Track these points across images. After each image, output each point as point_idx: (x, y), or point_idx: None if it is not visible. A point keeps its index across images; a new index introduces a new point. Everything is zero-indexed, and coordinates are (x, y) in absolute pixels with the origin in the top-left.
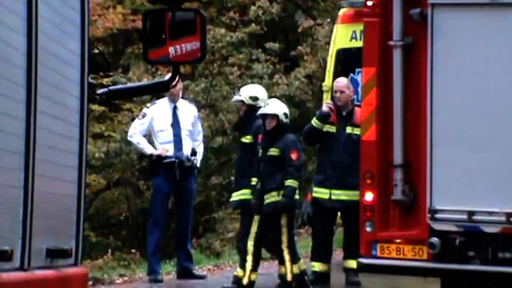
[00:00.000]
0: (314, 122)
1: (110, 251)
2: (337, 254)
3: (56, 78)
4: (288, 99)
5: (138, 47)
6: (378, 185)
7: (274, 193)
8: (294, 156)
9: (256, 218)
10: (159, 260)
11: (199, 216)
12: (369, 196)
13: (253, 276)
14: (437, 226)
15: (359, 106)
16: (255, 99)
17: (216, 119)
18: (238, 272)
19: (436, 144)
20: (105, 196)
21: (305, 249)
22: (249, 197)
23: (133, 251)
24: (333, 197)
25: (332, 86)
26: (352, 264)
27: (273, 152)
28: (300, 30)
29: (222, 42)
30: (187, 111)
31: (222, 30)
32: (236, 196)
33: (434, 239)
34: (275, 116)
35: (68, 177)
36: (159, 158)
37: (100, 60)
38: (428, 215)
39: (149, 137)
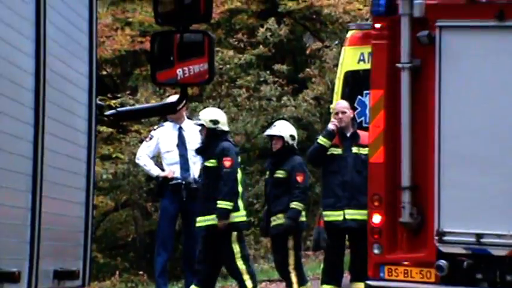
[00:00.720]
0: (321, 140)
1: (117, 272)
2: (344, 277)
3: (64, 100)
4: (295, 121)
5: (146, 69)
6: (385, 207)
7: (280, 215)
8: (299, 178)
9: (235, 237)
10: (167, 282)
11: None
12: (376, 218)
13: None
14: (445, 249)
15: (367, 128)
16: (216, 122)
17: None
18: None
19: (444, 166)
20: (112, 218)
21: (313, 271)
22: (215, 222)
23: (140, 272)
24: (347, 217)
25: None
26: (361, 286)
27: (279, 174)
28: (308, 52)
29: (230, 64)
30: (194, 132)
31: (230, 52)
32: (203, 222)
33: (442, 262)
34: (281, 138)
35: (76, 199)
36: (166, 179)
37: (108, 81)
38: (436, 238)
39: (158, 158)
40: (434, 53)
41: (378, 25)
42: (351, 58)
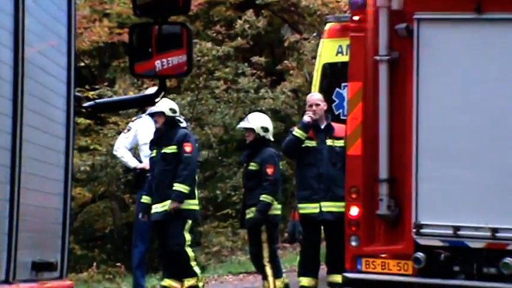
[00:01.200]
0: (297, 132)
1: (94, 264)
2: (321, 269)
3: (42, 91)
4: (273, 113)
5: (124, 61)
6: (363, 200)
7: (253, 208)
8: (269, 171)
9: (188, 226)
10: (144, 274)
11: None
12: (354, 211)
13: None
14: (422, 241)
15: (344, 121)
16: (174, 111)
17: (202, 132)
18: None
19: (422, 159)
20: (90, 209)
21: (290, 263)
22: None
23: (118, 264)
24: (324, 209)
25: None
26: (338, 278)
27: (252, 166)
28: (286, 44)
29: (208, 56)
30: None
31: (209, 44)
32: (161, 208)
33: (420, 254)
34: (252, 130)
35: (54, 190)
36: (143, 171)
37: (86, 73)
38: (414, 230)
39: (136, 150)
40: (412, 45)
41: (356, 17)
42: (329, 50)
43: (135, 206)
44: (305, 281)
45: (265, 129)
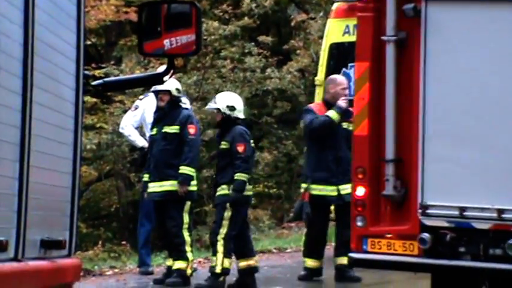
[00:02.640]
0: (333, 115)
1: (100, 242)
2: (327, 248)
3: (52, 69)
4: (280, 93)
5: (130, 39)
6: (369, 180)
7: (225, 186)
8: (240, 149)
9: (188, 207)
10: (150, 252)
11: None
12: (360, 191)
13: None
14: (428, 222)
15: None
16: (179, 91)
17: (208, 112)
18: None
19: (428, 139)
20: (96, 188)
21: (296, 243)
22: (173, 188)
23: (124, 242)
24: (342, 192)
25: (325, 80)
26: (345, 261)
27: (223, 145)
28: (293, 24)
29: (215, 35)
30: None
31: (215, 23)
32: (159, 187)
33: (425, 235)
34: (218, 110)
35: (63, 169)
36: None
37: (92, 51)
38: (420, 211)
39: (142, 128)
40: (420, 25)
41: None
42: (336, 30)
43: (140, 185)
44: (310, 262)
45: (232, 108)
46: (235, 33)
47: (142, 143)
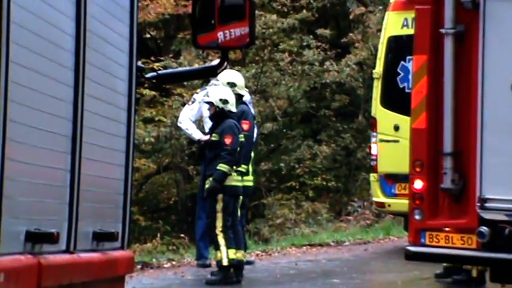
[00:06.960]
0: None
1: (159, 235)
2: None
3: (104, 62)
4: (338, 86)
5: (189, 33)
6: (427, 173)
7: (211, 179)
8: (228, 141)
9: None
10: (208, 245)
11: (248, 201)
12: (418, 184)
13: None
14: (486, 215)
15: (409, 94)
16: (225, 102)
17: (266, 105)
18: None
19: (487, 132)
20: (154, 180)
21: (353, 236)
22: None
23: (182, 235)
24: None
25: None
26: None
27: (213, 137)
28: (351, 17)
29: (273, 29)
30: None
31: (273, 16)
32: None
33: (484, 228)
34: (212, 104)
35: (116, 161)
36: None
37: (151, 45)
38: (478, 204)
39: (200, 122)
40: (479, 18)
41: None
42: (395, 23)
43: (198, 178)
44: None
45: (224, 101)
46: (294, 26)
47: (199, 136)
